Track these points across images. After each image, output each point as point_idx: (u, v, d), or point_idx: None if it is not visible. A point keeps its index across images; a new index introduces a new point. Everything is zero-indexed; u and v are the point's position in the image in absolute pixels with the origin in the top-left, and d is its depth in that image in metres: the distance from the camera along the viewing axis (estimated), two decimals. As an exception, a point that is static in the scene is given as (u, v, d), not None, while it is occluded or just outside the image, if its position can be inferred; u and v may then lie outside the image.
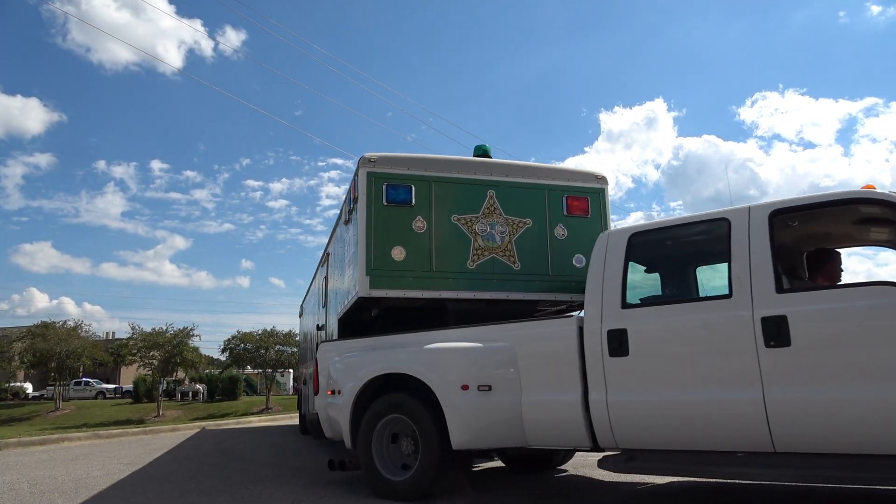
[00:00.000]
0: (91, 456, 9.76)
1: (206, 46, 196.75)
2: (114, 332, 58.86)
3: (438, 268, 5.83)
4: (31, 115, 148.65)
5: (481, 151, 6.54)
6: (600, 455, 4.46)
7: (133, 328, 28.72)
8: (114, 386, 43.05)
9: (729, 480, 4.38)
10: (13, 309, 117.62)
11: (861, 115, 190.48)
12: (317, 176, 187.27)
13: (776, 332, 3.75)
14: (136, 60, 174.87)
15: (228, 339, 31.54)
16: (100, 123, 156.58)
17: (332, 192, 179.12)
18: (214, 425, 17.81)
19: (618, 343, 4.21)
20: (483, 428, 4.52)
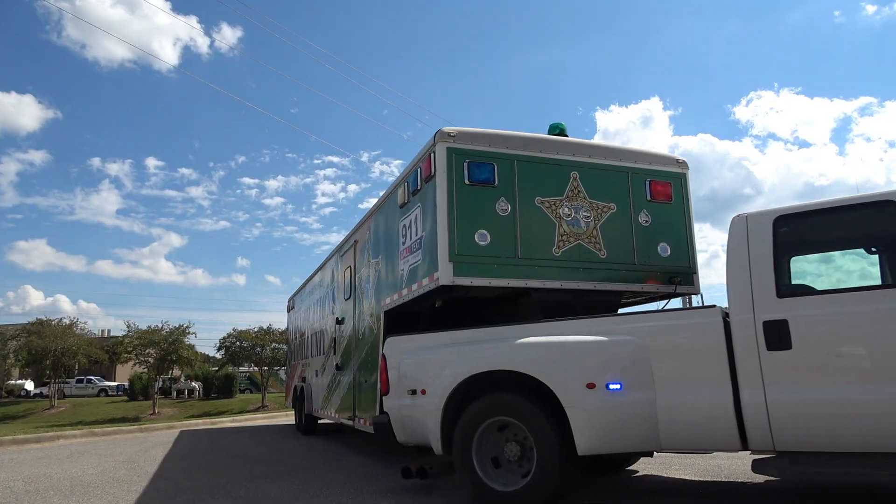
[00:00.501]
0: (87, 454, 9.62)
1: (202, 44, 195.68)
2: (109, 330, 58.28)
3: (524, 254, 5.31)
4: (26, 111, 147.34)
5: (558, 130, 5.93)
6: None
7: (129, 326, 28.28)
8: (115, 384, 42.20)
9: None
10: (8, 306, 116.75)
11: (856, 114, 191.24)
12: (312, 174, 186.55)
13: None
14: (132, 57, 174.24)
15: (224, 337, 30.97)
16: (95, 120, 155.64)
17: (328, 189, 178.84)
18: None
19: (777, 336, 3.82)
20: (613, 430, 4.11)
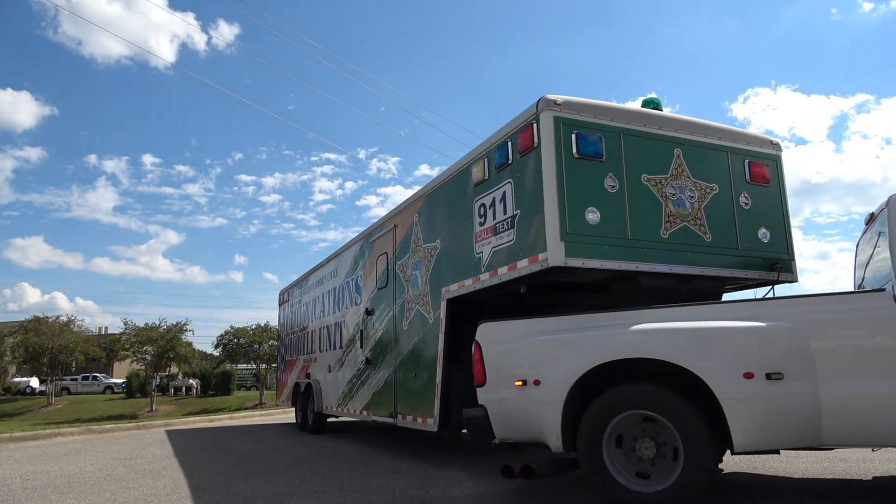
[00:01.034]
0: (84, 451, 9.41)
1: (199, 40, 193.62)
2: (106, 328, 57.42)
3: (634, 235, 4.93)
4: (22, 108, 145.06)
5: (653, 105, 5.56)
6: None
7: (126, 323, 27.46)
8: (122, 381, 40.56)
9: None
10: (5, 304, 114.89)
11: (852, 111, 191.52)
12: (310, 171, 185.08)
13: None
14: (128, 54, 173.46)
15: (222, 335, 30.29)
16: (91, 117, 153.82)
17: (325, 186, 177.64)
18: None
19: None
20: (773, 425, 3.77)
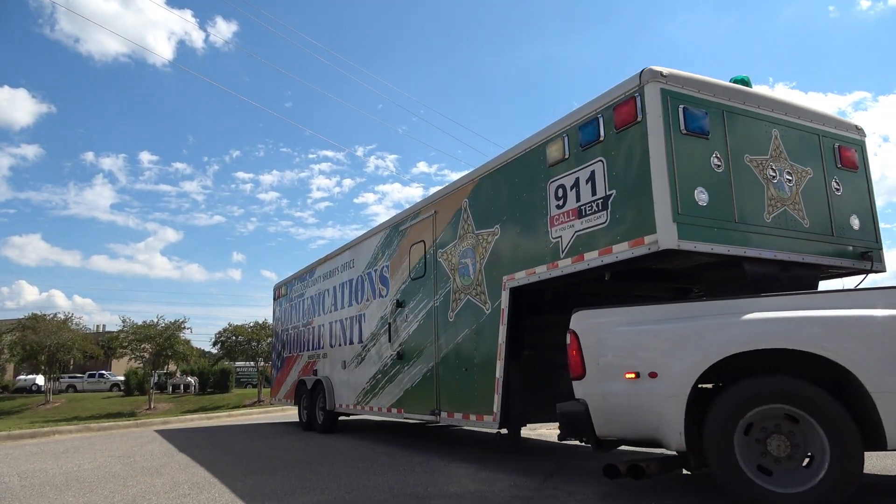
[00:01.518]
0: (82, 449, 9.24)
1: (197, 38, 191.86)
2: (104, 325, 57.04)
3: (740, 219, 4.60)
4: (19, 106, 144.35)
5: (744, 83, 5.25)
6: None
7: (124, 321, 27.16)
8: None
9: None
10: (2, 302, 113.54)
11: (850, 108, 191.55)
12: (307, 168, 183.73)
13: None
14: (126, 52, 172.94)
15: (220, 332, 29.90)
16: (89, 115, 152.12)
17: (323, 184, 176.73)
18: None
19: None
20: None
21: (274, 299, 14.43)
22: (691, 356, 3.92)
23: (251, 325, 29.53)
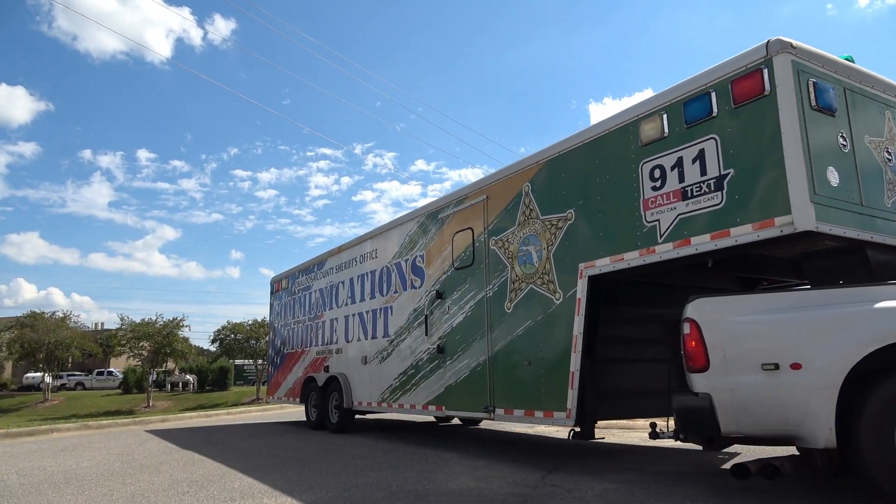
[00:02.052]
0: (81, 447, 9.13)
1: (195, 35, 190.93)
2: (103, 323, 55.42)
3: (866, 202, 4.32)
4: (17, 103, 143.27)
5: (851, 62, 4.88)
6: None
7: (122, 319, 26.53)
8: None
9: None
10: (1, 299, 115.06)
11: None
12: (305, 166, 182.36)
13: None
14: (124, 49, 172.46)
15: (219, 330, 29.49)
16: (86, 112, 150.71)
17: (321, 182, 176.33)
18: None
19: None
20: None
21: (272, 293, 13.59)
22: (843, 345, 3.58)
23: (250, 322, 29.38)
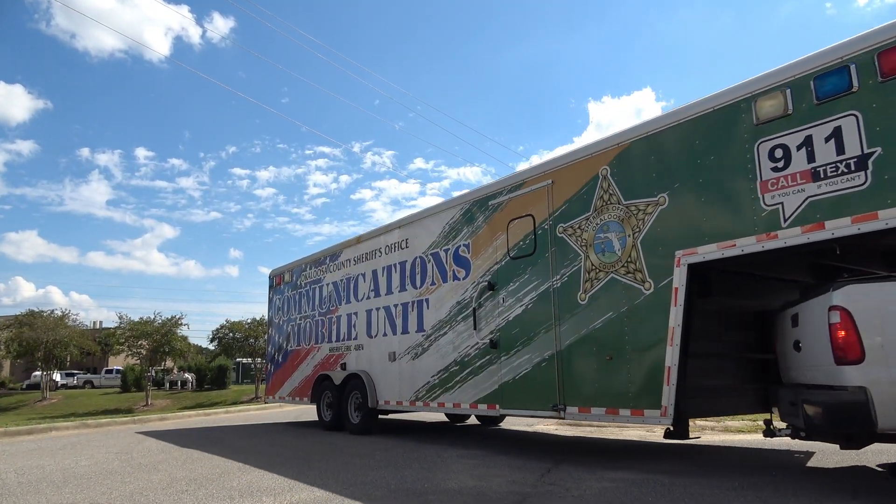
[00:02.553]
0: (79, 445, 9.02)
1: (194, 34, 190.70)
2: (101, 322, 56.13)
3: None
4: (16, 102, 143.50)
5: None
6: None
7: (121, 317, 25.95)
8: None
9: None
10: None
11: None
12: (304, 164, 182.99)
13: None
14: (122, 47, 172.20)
15: (217, 329, 28.70)
16: (84, 111, 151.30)
17: (320, 180, 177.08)
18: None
19: None
20: None
21: (271, 287, 12.62)
22: None
23: (248, 321, 29.33)
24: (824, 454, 5.68)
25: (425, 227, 8.40)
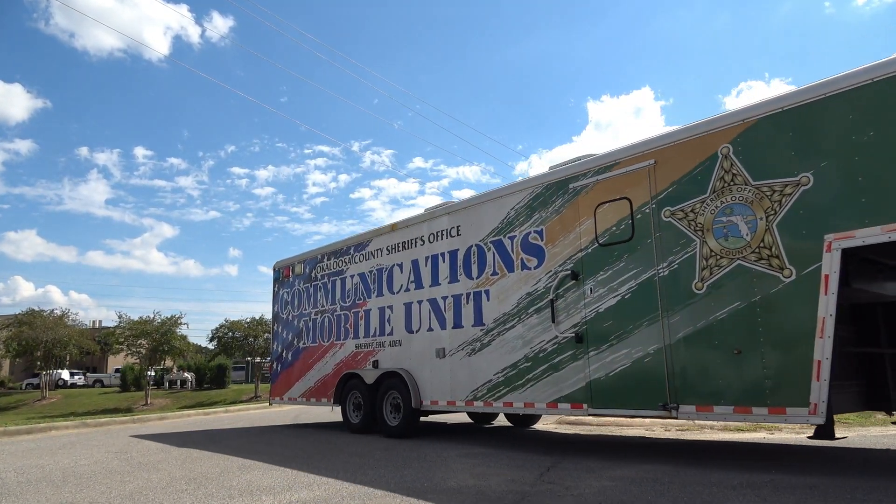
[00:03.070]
0: (79, 445, 8.93)
1: (193, 33, 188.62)
2: (101, 321, 53.77)
3: None
4: (14, 101, 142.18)
5: None
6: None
7: (120, 317, 25.30)
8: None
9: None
10: None
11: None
12: (303, 163, 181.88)
13: None
14: (121, 46, 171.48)
15: (217, 328, 28.15)
16: (83, 110, 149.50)
17: (319, 179, 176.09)
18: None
19: None
20: None
21: (276, 281, 11.49)
22: None
23: (248, 320, 29.38)
24: (823, 453, 5.68)
25: (483, 213, 7.70)
